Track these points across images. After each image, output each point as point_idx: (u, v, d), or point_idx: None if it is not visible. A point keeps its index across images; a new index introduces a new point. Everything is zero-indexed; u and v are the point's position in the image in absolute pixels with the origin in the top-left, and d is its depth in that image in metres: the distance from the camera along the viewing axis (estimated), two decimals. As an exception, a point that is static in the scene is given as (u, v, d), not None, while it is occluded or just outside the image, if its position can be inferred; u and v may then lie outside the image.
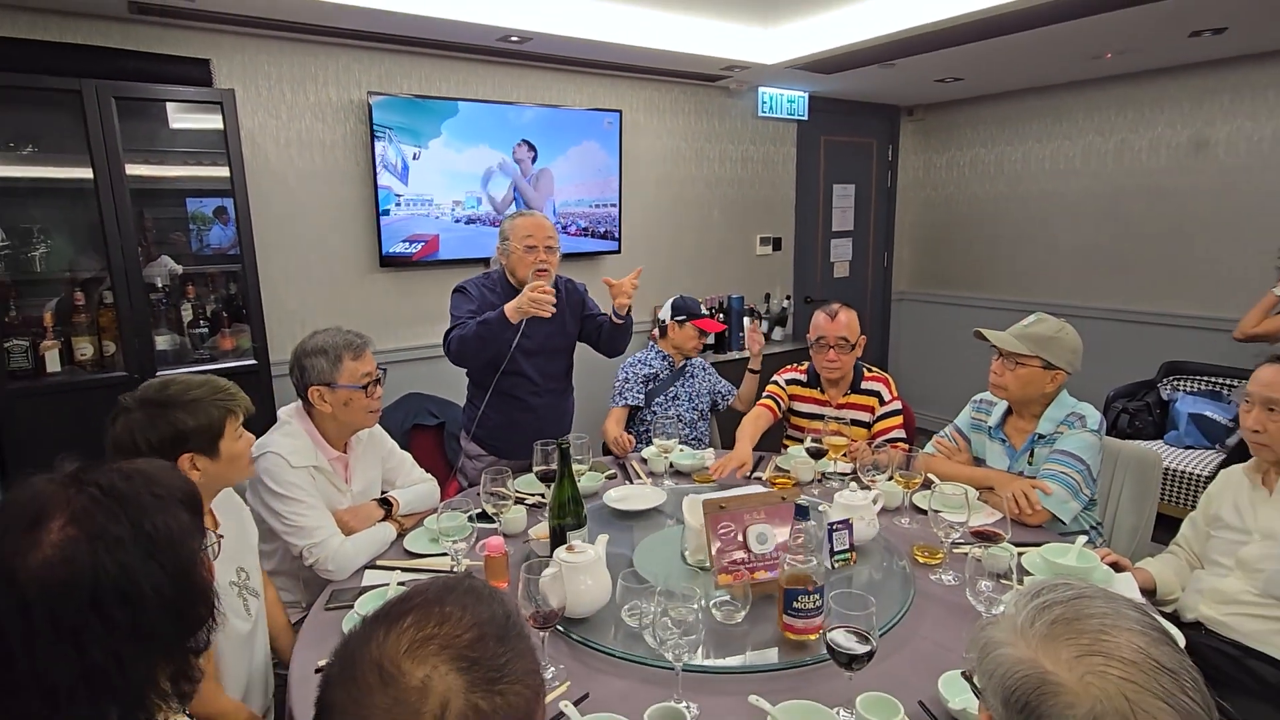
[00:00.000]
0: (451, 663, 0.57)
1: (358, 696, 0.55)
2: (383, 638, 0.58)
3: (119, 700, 0.78)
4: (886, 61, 3.75)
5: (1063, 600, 0.70)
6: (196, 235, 2.90)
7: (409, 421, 3.11)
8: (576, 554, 1.48)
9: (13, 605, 0.75)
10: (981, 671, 0.70)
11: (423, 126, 3.25)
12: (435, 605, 0.61)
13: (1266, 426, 1.61)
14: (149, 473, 0.87)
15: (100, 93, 2.44)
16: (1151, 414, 3.83)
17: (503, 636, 0.61)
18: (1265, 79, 3.68)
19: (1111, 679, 0.61)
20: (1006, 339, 2.01)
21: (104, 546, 0.78)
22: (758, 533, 1.55)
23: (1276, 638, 1.57)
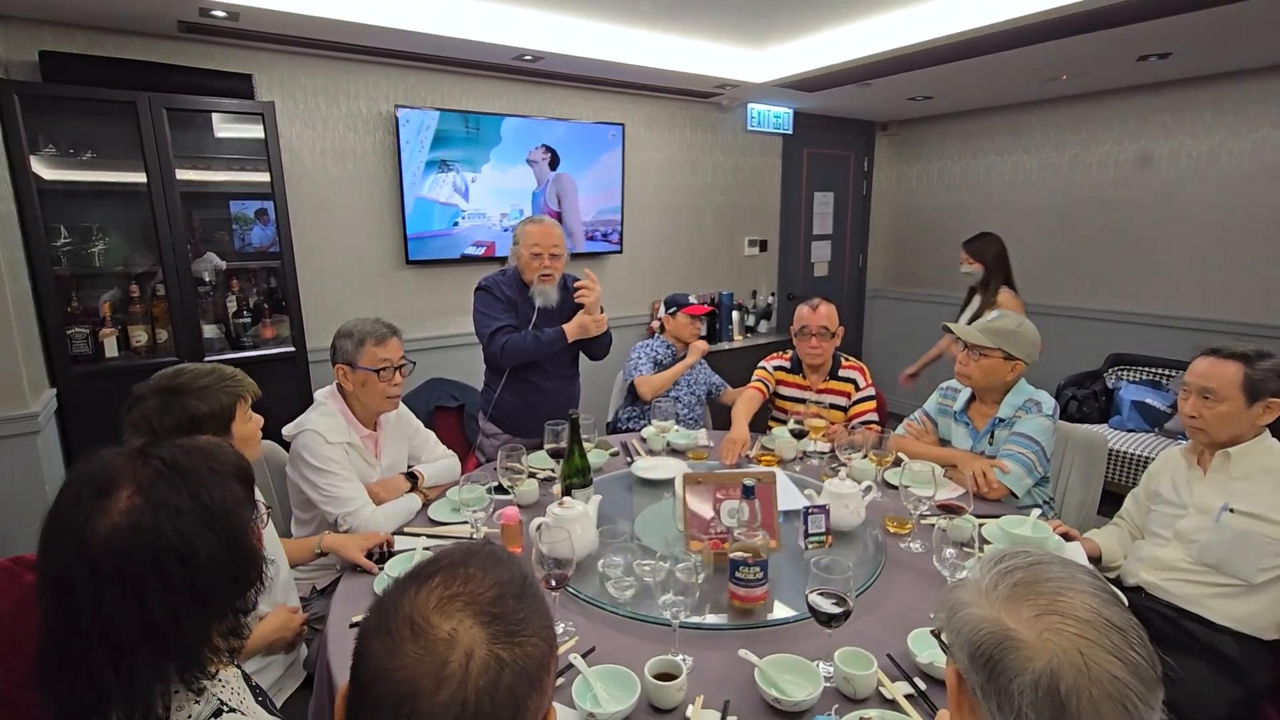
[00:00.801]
0: (475, 617, 0.57)
1: (391, 647, 0.55)
2: (414, 595, 0.58)
3: (176, 656, 0.78)
4: (864, 81, 3.72)
5: (1023, 565, 0.70)
6: (239, 235, 2.87)
7: (432, 403, 3.10)
8: (566, 508, 1.54)
9: (83, 564, 0.75)
10: (949, 629, 0.70)
11: (476, 157, 3.40)
12: (459, 567, 0.61)
13: (1202, 413, 1.61)
14: (207, 449, 0.87)
15: (153, 104, 2.41)
16: (1098, 400, 3.84)
17: (520, 595, 0.61)
18: (1203, 100, 3.66)
19: (1067, 635, 0.61)
20: (971, 332, 2.00)
21: (166, 515, 0.77)
22: (730, 508, 1.56)
23: (1208, 600, 1.58)
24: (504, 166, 3.50)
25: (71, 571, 0.76)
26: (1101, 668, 0.59)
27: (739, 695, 1.13)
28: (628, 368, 2.94)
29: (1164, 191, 3.85)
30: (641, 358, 2.93)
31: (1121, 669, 0.60)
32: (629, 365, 2.94)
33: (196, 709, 0.81)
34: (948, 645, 0.71)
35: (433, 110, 3.20)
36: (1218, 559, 1.56)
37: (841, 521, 1.67)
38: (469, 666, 0.54)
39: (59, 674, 0.79)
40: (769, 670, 1.15)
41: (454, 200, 3.40)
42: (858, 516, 1.69)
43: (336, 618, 1.40)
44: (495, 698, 0.55)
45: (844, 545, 1.68)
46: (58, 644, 0.78)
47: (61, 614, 0.77)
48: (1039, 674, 0.60)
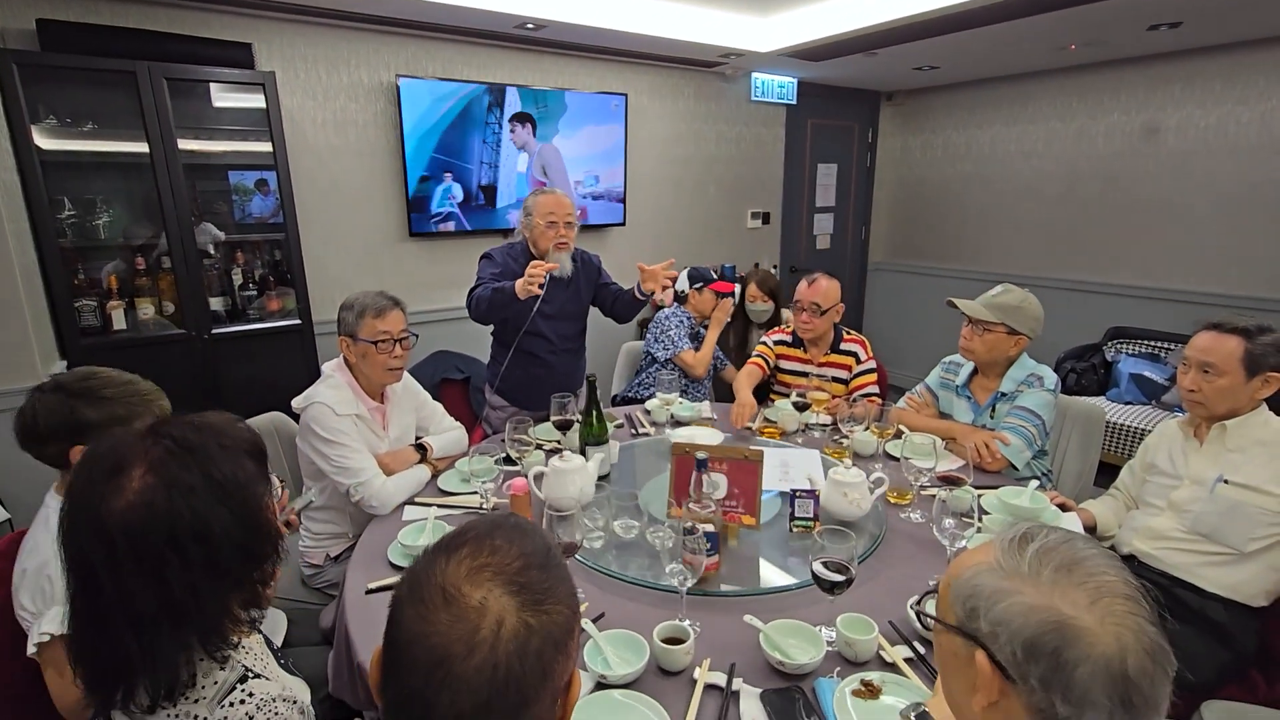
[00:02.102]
0: (504, 586, 0.59)
1: (425, 614, 0.57)
2: (444, 565, 0.60)
3: (197, 627, 0.80)
4: (870, 50, 3.66)
5: (1055, 545, 0.68)
6: (240, 206, 2.84)
7: (438, 376, 3.11)
8: (564, 461, 1.63)
9: (101, 544, 0.77)
10: (990, 618, 0.67)
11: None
12: (486, 539, 0.62)
13: (1201, 387, 1.62)
14: (217, 426, 0.87)
15: (153, 73, 2.38)
16: (1096, 374, 3.86)
17: (545, 565, 0.63)
18: (1213, 70, 3.60)
19: (1121, 614, 0.62)
20: (976, 308, 2.01)
21: (179, 493, 0.79)
22: (711, 480, 1.58)
23: (1199, 569, 1.61)
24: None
25: (90, 551, 0.78)
26: (1153, 639, 0.61)
27: (744, 658, 1.16)
28: (656, 341, 2.87)
29: (1170, 163, 3.81)
30: (678, 333, 2.85)
31: (1160, 636, 0.61)
32: (656, 340, 2.87)
33: (222, 675, 0.84)
34: (984, 634, 0.67)
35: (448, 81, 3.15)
36: (1210, 528, 1.59)
37: (839, 511, 1.59)
38: (500, 633, 0.56)
39: (85, 647, 0.81)
40: (773, 635, 1.18)
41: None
42: (858, 509, 1.58)
43: (353, 584, 1.43)
44: (524, 662, 0.57)
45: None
46: (83, 619, 0.81)
47: (84, 591, 0.80)
48: (1110, 658, 0.60)
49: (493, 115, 3.36)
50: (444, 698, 0.55)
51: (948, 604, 0.73)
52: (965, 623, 0.70)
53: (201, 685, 0.82)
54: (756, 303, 3.09)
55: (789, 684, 1.11)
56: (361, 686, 1.22)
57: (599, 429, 1.87)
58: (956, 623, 0.71)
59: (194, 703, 0.81)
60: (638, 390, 2.91)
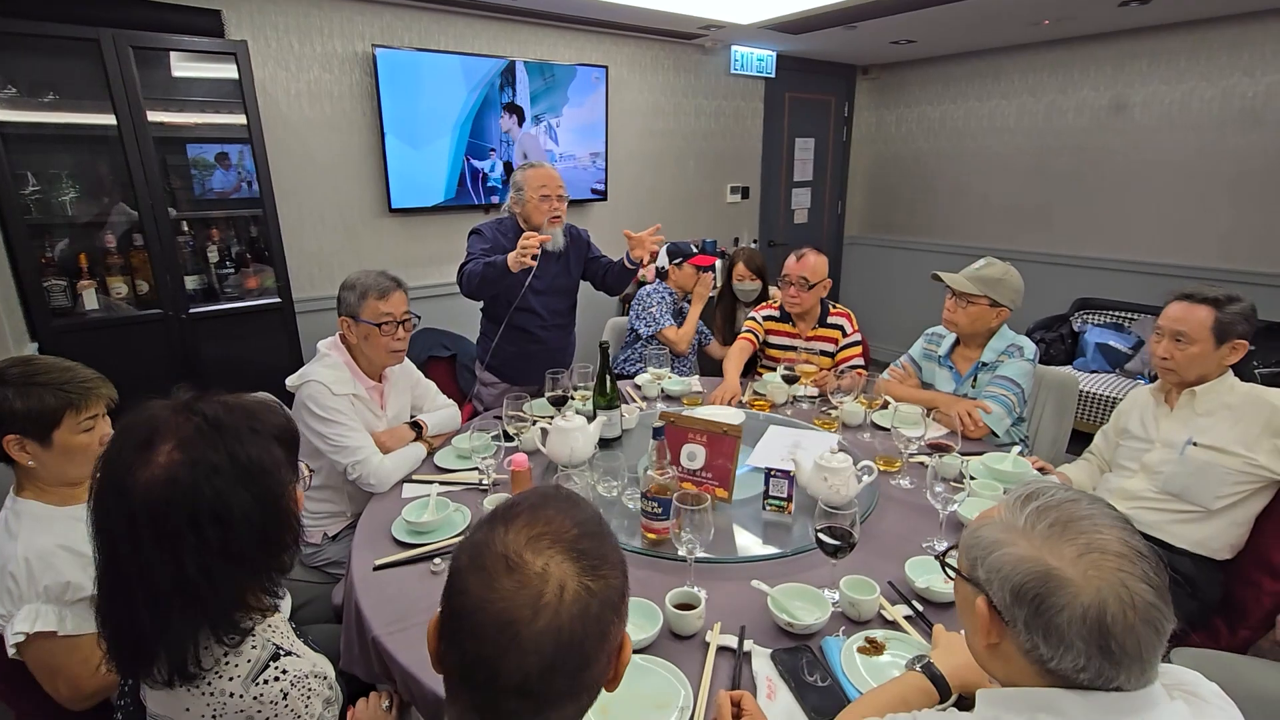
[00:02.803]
0: (563, 553, 0.61)
1: (489, 581, 0.59)
2: (504, 534, 0.61)
3: (208, 611, 0.80)
4: (850, 23, 3.66)
5: (1055, 504, 0.73)
6: (199, 181, 2.70)
7: (424, 354, 3.08)
8: (567, 420, 1.71)
9: (123, 513, 0.77)
10: (986, 566, 0.73)
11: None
12: (540, 509, 0.64)
13: (1174, 355, 1.69)
14: (250, 408, 0.87)
15: (118, 41, 2.27)
16: (1064, 343, 3.98)
17: (597, 534, 0.65)
18: (1179, 46, 3.69)
19: (1108, 570, 0.66)
20: (960, 281, 2.06)
21: (203, 472, 0.78)
22: (689, 451, 1.63)
23: (1169, 526, 1.70)
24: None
25: (113, 521, 0.78)
26: (1139, 596, 0.65)
27: (753, 621, 1.20)
28: (639, 318, 2.88)
29: (1137, 138, 3.91)
30: (659, 310, 2.87)
31: (1152, 594, 0.66)
32: (639, 317, 2.88)
33: (255, 654, 0.84)
34: (981, 580, 0.73)
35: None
36: (1180, 488, 1.68)
37: (821, 496, 1.49)
38: (562, 597, 0.58)
39: (107, 615, 0.81)
40: (780, 598, 1.22)
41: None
42: (838, 495, 1.49)
43: (359, 561, 1.43)
44: (585, 624, 0.59)
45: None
46: (104, 588, 0.81)
47: (107, 558, 0.80)
48: (1086, 607, 0.65)
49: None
50: (511, 660, 0.57)
51: (961, 555, 0.80)
52: (970, 571, 0.76)
53: (234, 664, 0.82)
54: (744, 282, 3.03)
55: (797, 644, 1.15)
56: (376, 660, 1.23)
57: (611, 395, 1.91)
58: (966, 572, 0.77)
59: (228, 680, 0.81)
60: (624, 366, 2.93)
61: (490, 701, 0.59)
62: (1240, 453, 1.61)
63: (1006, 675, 0.75)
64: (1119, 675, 0.66)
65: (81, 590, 1.16)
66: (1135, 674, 0.66)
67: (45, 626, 1.13)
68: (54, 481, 1.25)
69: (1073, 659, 0.66)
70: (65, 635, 1.15)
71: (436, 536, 1.51)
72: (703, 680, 1.07)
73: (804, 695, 1.04)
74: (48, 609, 1.14)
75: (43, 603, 1.14)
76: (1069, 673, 0.67)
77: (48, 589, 1.14)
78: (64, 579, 1.15)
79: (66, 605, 1.16)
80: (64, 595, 1.15)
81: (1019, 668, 0.72)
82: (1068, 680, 0.68)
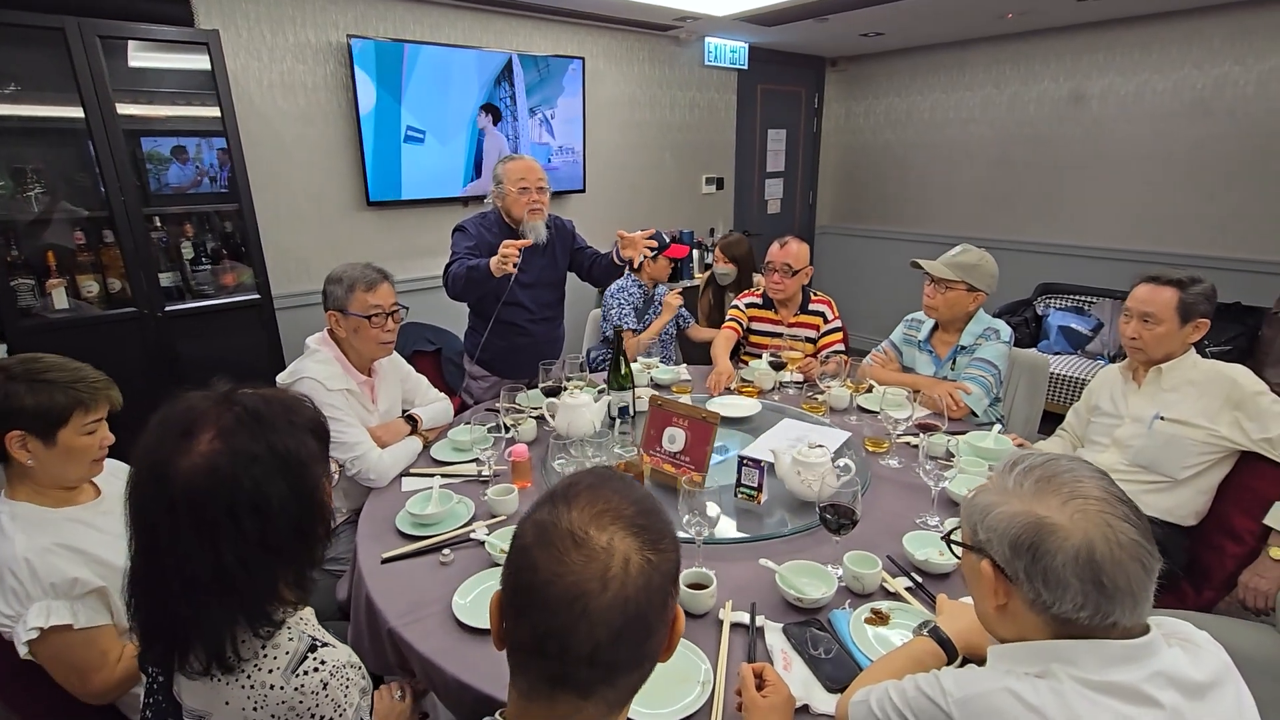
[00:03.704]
0: (625, 529, 0.63)
1: (557, 556, 0.61)
2: (566, 512, 0.64)
3: (244, 602, 0.81)
4: (821, 16, 3.71)
5: (1038, 464, 0.80)
6: (155, 176, 2.60)
7: (409, 349, 3.05)
8: (574, 398, 1.84)
9: (164, 502, 0.77)
10: (984, 528, 0.79)
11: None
12: (599, 489, 0.66)
13: (1142, 334, 1.78)
14: (287, 402, 0.87)
15: (84, 30, 2.18)
16: (1028, 327, 4.13)
17: (654, 510, 0.67)
18: (1133, 40, 3.84)
19: (1092, 513, 0.73)
20: (938, 267, 2.13)
21: (243, 462, 0.79)
22: (670, 434, 1.68)
23: (1139, 496, 1.77)
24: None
25: (153, 510, 0.78)
26: (1123, 534, 0.71)
27: (763, 598, 1.24)
28: (608, 315, 2.92)
29: (1095, 128, 4.06)
30: (623, 306, 2.89)
31: (1135, 532, 0.72)
32: (609, 312, 2.91)
33: (292, 646, 0.85)
34: (983, 542, 0.79)
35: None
36: (1150, 460, 1.77)
37: (794, 489, 1.54)
38: (628, 569, 0.61)
39: (141, 605, 0.81)
40: (788, 575, 1.27)
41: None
42: (810, 490, 1.48)
43: (366, 554, 1.43)
44: (649, 595, 0.62)
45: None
46: (140, 577, 0.81)
47: (144, 548, 0.80)
48: (1078, 548, 0.71)
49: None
50: (581, 631, 0.59)
51: (964, 527, 0.85)
52: (972, 537, 0.82)
53: (273, 655, 0.83)
54: (719, 265, 3.18)
55: (807, 618, 1.20)
56: (392, 651, 1.24)
57: (624, 377, 1.96)
58: (969, 540, 0.83)
59: (267, 673, 0.82)
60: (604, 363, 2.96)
61: (562, 672, 0.61)
62: (1204, 425, 1.71)
63: (1017, 634, 0.80)
64: (1115, 609, 0.72)
65: (88, 585, 1.15)
66: (1129, 608, 0.72)
67: (60, 620, 1.12)
68: (51, 483, 1.23)
69: (1072, 598, 0.72)
70: (80, 628, 1.14)
71: (442, 528, 1.51)
72: (720, 655, 1.11)
73: (817, 665, 1.08)
74: (59, 604, 1.13)
75: (52, 599, 1.13)
76: (1071, 614, 0.73)
77: (54, 585, 1.13)
78: (69, 575, 1.14)
79: (76, 600, 1.15)
80: (72, 590, 1.14)
81: (1027, 623, 0.77)
82: (1071, 625, 0.74)
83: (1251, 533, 1.68)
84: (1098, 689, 0.71)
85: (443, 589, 1.29)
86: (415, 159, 3.22)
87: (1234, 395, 1.68)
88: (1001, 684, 0.74)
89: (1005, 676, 0.75)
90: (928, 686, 0.80)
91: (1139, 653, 0.73)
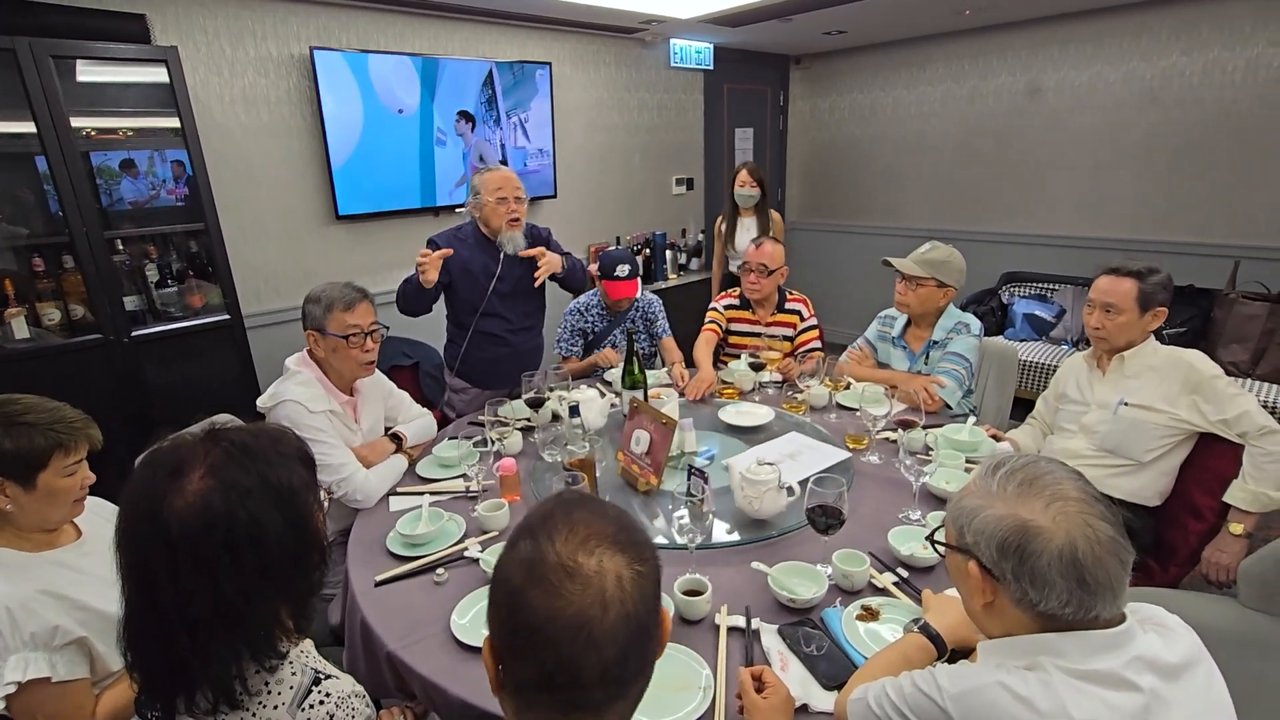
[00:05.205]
0: (611, 548, 0.65)
1: (553, 590, 0.62)
2: (551, 546, 0.65)
3: (248, 635, 0.81)
4: (785, 16, 3.76)
5: (1019, 467, 0.84)
6: (105, 190, 2.50)
7: (386, 364, 3.00)
8: (580, 393, 2.02)
9: (160, 543, 0.77)
10: (971, 530, 0.83)
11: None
12: (572, 515, 0.68)
13: (1105, 324, 1.85)
14: (273, 433, 0.87)
15: (35, 50, 2.12)
16: (995, 315, 4.25)
17: (630, 525, 0.70)
18: (1085, 33, 3.96)
19: (1072, 514, 0.77)
20: (908, 264, 2.18)
21: (236, 495, 0.79)
22: (636, 436, 1.72)
23: (1107, 479, 1.87)
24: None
25: (149, 551, 0.78)
26: (1101, 532, 0.76)
27: (756, 600, 1.28)
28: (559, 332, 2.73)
29: (1051, 120, 4.19)
30: (565, 330, 2.70)
31: (1111, 530, 0.77)
32: (558, 331, 2.73)
33: (295, 680, 0.85)
34: (970, 545, 0.83)
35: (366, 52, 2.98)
36: (1115, 444, 1.85)
37: (741, 505, 1.53)
38: (623, 586, 0.64)
39: (141, 650, 0.81)
40: (779, 576, 1.30)
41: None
42: (751, 508, 1.49)
43: (359, 577, 1.43)
44: (646, 605, 0.65)
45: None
46: (138, 621, 0.81)
47: (141, 592, 0.80)
48: (1061, 548, 0.75)
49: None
50: (590, 657, 0.61)
51: (948, 528, 0.89)
52: (959, 539, 0.85)
53: (277, 691, 0.83)
54: (745, 188, 3.41)
55: (800, 617, 1.23)
56: (391, 675, 1.24)
57: (637, 376, 2.06)
58: (955, 541, 0.87)
59: (273, 709, 0.82)
60: None
61: (575, 699, 0.63)
62: (1164, 409, 1.79)
63: (1004, 630, 0.84)
64: (1097, 603, 0.76)
65: (69, 634, 1.13)
66: (1109, 602, 0.77)
67: (38, 674, 1.09)
68: (31, 527, 1.20)
69: (1057, 596, 0.76)
70: (58, 681, 1.11)
71: (434, 547, 1.52)
72: (719, 659, 1.13)
73: (813, 664, 1.12)
74: (37, 656, 1.10)
75: (30, 650, 1.10)
76: (1056, 610, 0.77)
77: (34, 636, 1.10)
78: (50, 624, 1.11)
79: (55, 651, 1.12)
80: (52, 641, 1.12)
81: (1014, 619, 0.81)
82: (1056, 620, 0.78)
83: (1212, 509, 1.77)
84: (1082, 677, 0.75)
85: (440, 609, 1.30)
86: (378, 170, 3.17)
87: (1191, 379, 1.76)
88: (993, 678, 0.78)
89: (996, 670, 0.79)
90: (924, 683, 0.84)
91: (1118, 640, 0.77)
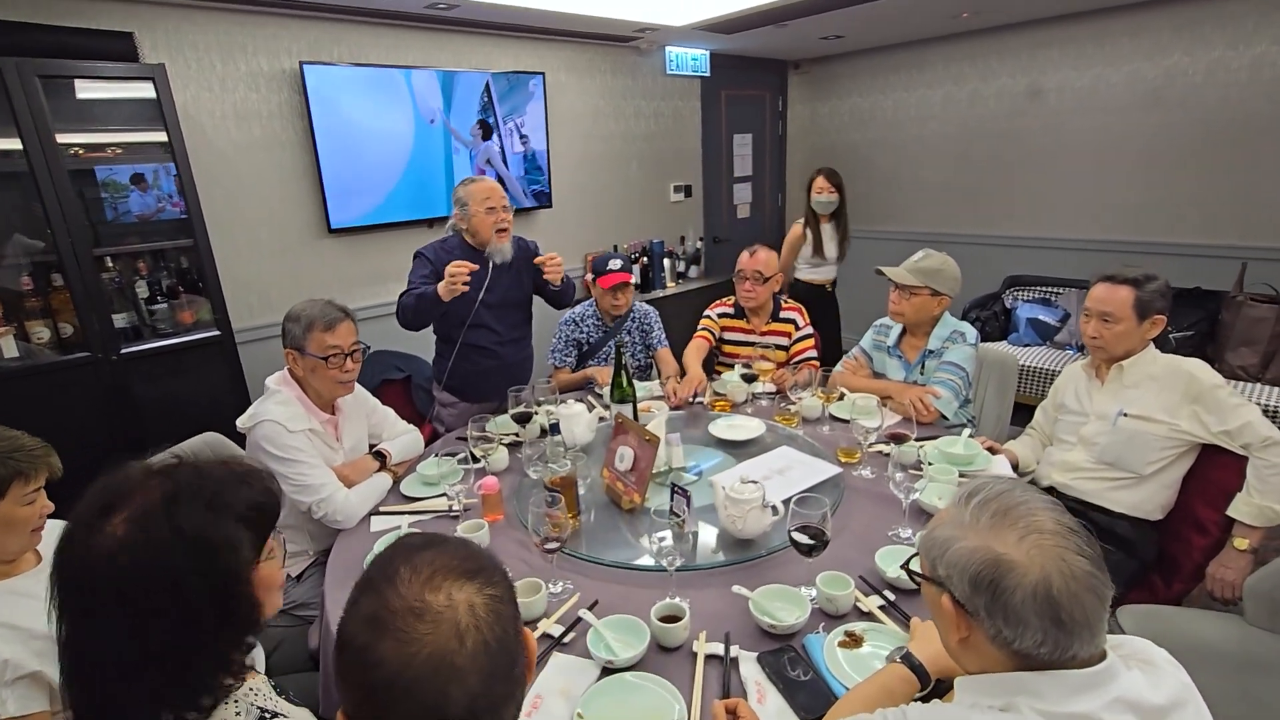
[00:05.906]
0: (457, 579, 0.64)
1: (403, 637, 0.59)
2: (395, 591, 0.62)
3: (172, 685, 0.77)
4: (780, 22, 3.73)
5: (993, 497, 0.79)
6: (110, 205, 2.50)
7: (378, 378, 3.00)
8: (569, 407, 1.98)
9: (79, 577, 0.76)
10: (943, 564, 0.79)
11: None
12: (413, 558, 0.66)
13: (1102, 333, 1.81)
14: (222, 479, 0.83)
15: (22, 71, 2.12)
16: (998, 320, 4.19)
17: (474, 553, 0.69)
18: (1085, 34, 3.91)
19: (1047, 548, 0.73)
20: (902, 274, 2.14)
21: (149, 548, 0.76)
22: (620, 452, 1.70)
23: (1107, 493, 1.82)
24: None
25: (71, 588, 0.77)
26: (1077, 567, 0.72)
27: (737, 626, 1.24)
28: (553, 343, 2.70)
29: (1053, 122, 4.13)
30: (560, 340, 2.67)
31: (1088, 564, 0.73)
32: (552, 341, 2.70)
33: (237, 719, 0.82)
34: (943, 578, 0.79)
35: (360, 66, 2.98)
36: (1115, 457, 1.80)
37: (724, 524, 1.50)
38: (476, 613, 0.62)
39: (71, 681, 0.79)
40: (761, 600, 1.26)
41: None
42: (734, 527, 1.46)
43: (334, 601, 1.40)
44: (504, 626, 0.64)
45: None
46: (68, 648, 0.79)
47: (69, 623, 0.78)
48: (1035, 585, 0.71)
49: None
50: (454, 691, 0.59)
51: (922, 557, 0.85)
52: (932, 571, 0.82)
53: None
54: (823, 195, 3.48)
55: (780, 644, 1.19)
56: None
57: (626, 390, 2.04)
58: (928, 573, 0.83)
59: (217, 752, 0.79)
60: None
61: None
62: (1165, 420, 1.74)
63: (980, 667, 0.80)
64: (1074, 643, 0.72)
65: (21, 668, 1.11)
66: (1086, 640, 0.73)
67: None
68: None
69: (1032, 635, 0.72)
70: (9, 718, 1.09)
71: (412, 569, 1.48)
72: (694, 691, 1.10)
73: (792, 694, 1.08)
74: None
75: None
76: (1032, 650, 0.73)
77: None
78: (2, 657, 1.09)
79: (6, 686, 1.10)
80: (3, 675, 1.09)
81: (990, 656, 0.77)
82: (1032, 659, 0.74)
83: (1216, 524, 1.71)
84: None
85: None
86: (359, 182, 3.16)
87: (1192, 389, 1.71)
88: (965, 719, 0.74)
89: (970, 711, 0.75)
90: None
91: (1097, 680, 0.73)
